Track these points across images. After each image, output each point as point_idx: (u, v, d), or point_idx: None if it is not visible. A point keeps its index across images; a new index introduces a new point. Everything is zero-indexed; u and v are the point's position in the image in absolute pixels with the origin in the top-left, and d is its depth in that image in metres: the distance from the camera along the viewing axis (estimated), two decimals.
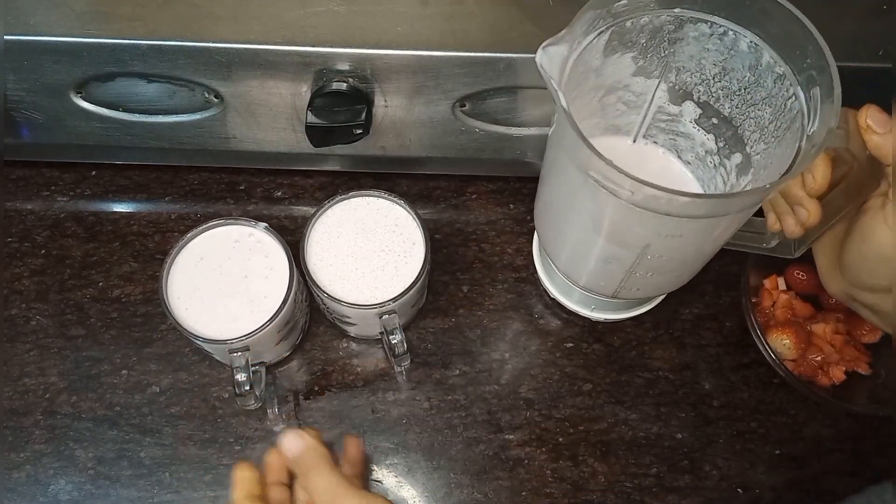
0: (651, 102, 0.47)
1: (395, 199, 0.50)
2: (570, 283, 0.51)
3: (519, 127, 0.52)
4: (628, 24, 0.41)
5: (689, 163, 0.50)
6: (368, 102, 0.48)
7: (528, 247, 0.59)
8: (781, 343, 0.53)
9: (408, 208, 0.50)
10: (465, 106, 0.50)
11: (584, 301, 0.55)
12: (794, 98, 0.39)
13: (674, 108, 0.47)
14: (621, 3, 0.39)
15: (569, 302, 0.56)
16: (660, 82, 0.46)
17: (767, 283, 0.55)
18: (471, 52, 0.46)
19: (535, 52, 0.35)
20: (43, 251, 0.57)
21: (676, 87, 0.46)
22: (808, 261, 0.49)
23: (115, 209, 0.59)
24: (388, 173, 0.60)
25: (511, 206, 0.60)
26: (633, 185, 0.34)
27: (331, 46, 0.45)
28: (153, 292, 0.55)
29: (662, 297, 0.56)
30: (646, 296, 0.52)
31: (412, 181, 0.61)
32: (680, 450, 0.52)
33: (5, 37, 0.45)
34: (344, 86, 0.47)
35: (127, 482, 0.50)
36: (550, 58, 0.36)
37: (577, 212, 0.43)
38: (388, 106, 0.49)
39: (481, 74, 0.47)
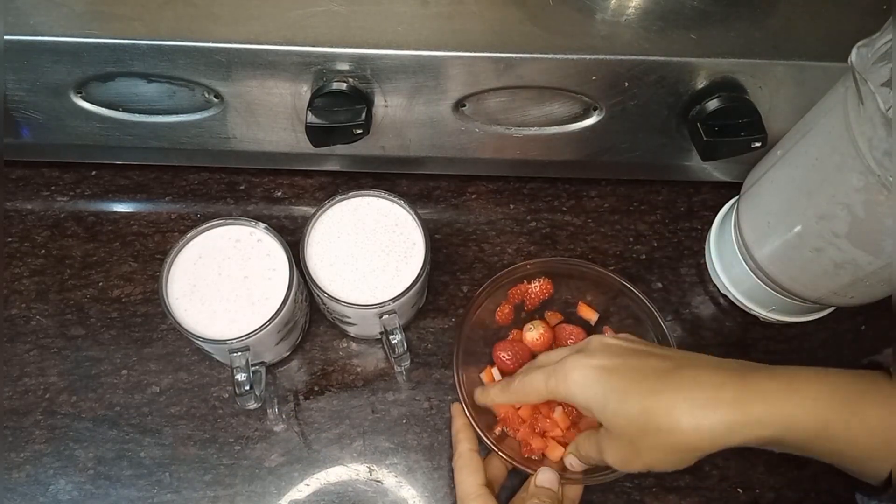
0: None
1: (395, 199, 0.50)
2: (763, 278, 0.50)
3: (519, 127, 0.52)
4: None
5: None
6: (368, 102, 0.48)
7: (529, 247, 0.59)
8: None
9: (408, 208, 0.50)
10: (465, 106, 0.50)
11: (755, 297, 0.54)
12: None
13: None
14: None
15: (737, 293, 0.55)
16: None
17: (484, 376, 0.50)
18: (471, 52, 0.46)
19: (534, 52, 0.33)
20: (43, 251, 0.57)
21: None
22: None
23: (115, 209, 0.59)
24: (388, 173, 0.60)
25: (511, 206, 0.60)
26: None
27: (331, 46, 0.45)
28: (153, 292, 0.56)
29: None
30: (861, 302, 0.47)
31: (412, 181, 0.61)
32: None
33: (5, 37, 0.45)
34: (344, 86, 0.47)
35: (127, 482, 0.50)
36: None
37: (828, 217, 0.40)
38: (388, 106, 0.49)
39: (481, 74, 0.47)
